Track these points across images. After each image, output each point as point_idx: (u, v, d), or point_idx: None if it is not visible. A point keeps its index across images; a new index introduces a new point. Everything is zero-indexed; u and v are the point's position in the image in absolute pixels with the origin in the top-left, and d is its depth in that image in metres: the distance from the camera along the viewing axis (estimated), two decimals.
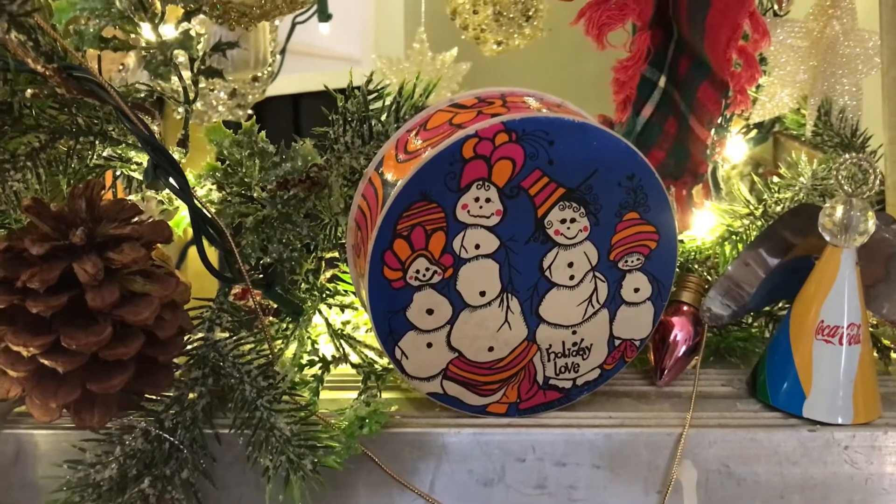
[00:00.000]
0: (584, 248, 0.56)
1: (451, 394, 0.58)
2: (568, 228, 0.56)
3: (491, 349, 0.57)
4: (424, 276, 0.55)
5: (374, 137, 0.62)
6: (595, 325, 0.58)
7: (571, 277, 0.57)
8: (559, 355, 0.59)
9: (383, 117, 0.63)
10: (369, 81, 0.64)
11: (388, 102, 0.64)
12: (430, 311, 0.55)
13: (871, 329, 0.68)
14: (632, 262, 0.58)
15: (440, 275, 0.55)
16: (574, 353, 0.59)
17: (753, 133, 0.97)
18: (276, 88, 1.13)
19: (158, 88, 0.62)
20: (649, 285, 0.59)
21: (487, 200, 0.54)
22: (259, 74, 0.96)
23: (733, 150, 0.96)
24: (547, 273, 0.56)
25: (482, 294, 0.56)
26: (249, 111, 0.99)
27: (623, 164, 0.55)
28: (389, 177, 0.56)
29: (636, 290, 0.58)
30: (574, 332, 0.58)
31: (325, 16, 1.01)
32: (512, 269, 0.56)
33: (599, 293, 0.58)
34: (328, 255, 0.65)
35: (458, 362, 0.57)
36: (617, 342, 0.59)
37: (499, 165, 0.53)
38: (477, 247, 0.55)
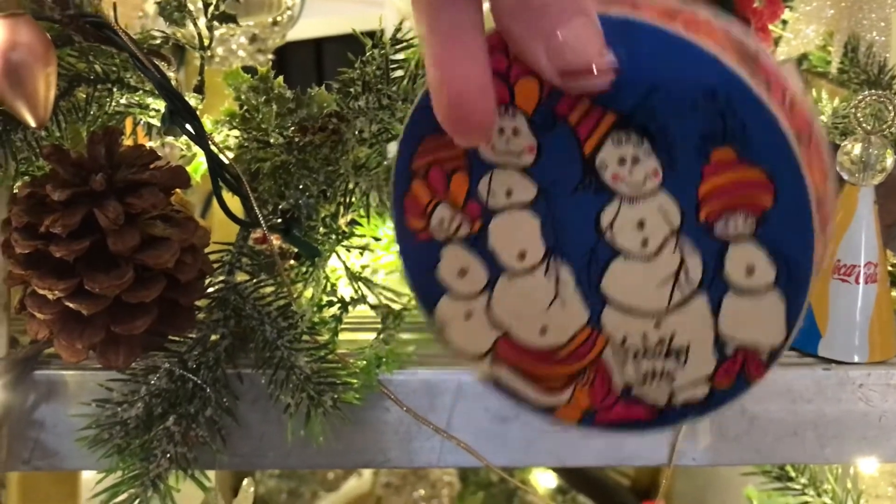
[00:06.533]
0: (659, 202, 0.38)
1: (505, 382, 0.42)
2: (630, 172, 0.37)
3: (544, 331, 0.41)
4: (449, 227, 0.41)
5: (387, 107, 0.60)
6: (689, 316, 0.39)
7: (644, 243, 0.38)
8: (642, 354, 0.40)
9: (402, 83, 0.60)
10: (398, 30, 0.60)
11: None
12: (462, 273, 0.42)
13: (890, 269, 0.68)
14: (737, 226, 0.37)
15: (467, 227, 0.41)
16: (662, 355, 0.40)
17: None
18: (298, 33, 1.12)
19: (175, 35, 0.62)
20: (770, 264, 0.37)
21: (515, 132, 0.38)
22: (279, 19, 0.96)
23: None
24: (607, 235, 0.39)
25: (521, 256, 0.41)
26: (271, 56, 0.98)
27: (697, 77, 0.35)
28: None
29: (750, 271, 0.38)
30: (657, 325, 0.39)
31: None
32: (557, 226, 0.39)
33: (690, 270, 0.38)
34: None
35: (506, 343, 0.41)
36: (728, 349, 0.39)
37: (521, 85, 0.37)
38: (508, 193, 0.40)
